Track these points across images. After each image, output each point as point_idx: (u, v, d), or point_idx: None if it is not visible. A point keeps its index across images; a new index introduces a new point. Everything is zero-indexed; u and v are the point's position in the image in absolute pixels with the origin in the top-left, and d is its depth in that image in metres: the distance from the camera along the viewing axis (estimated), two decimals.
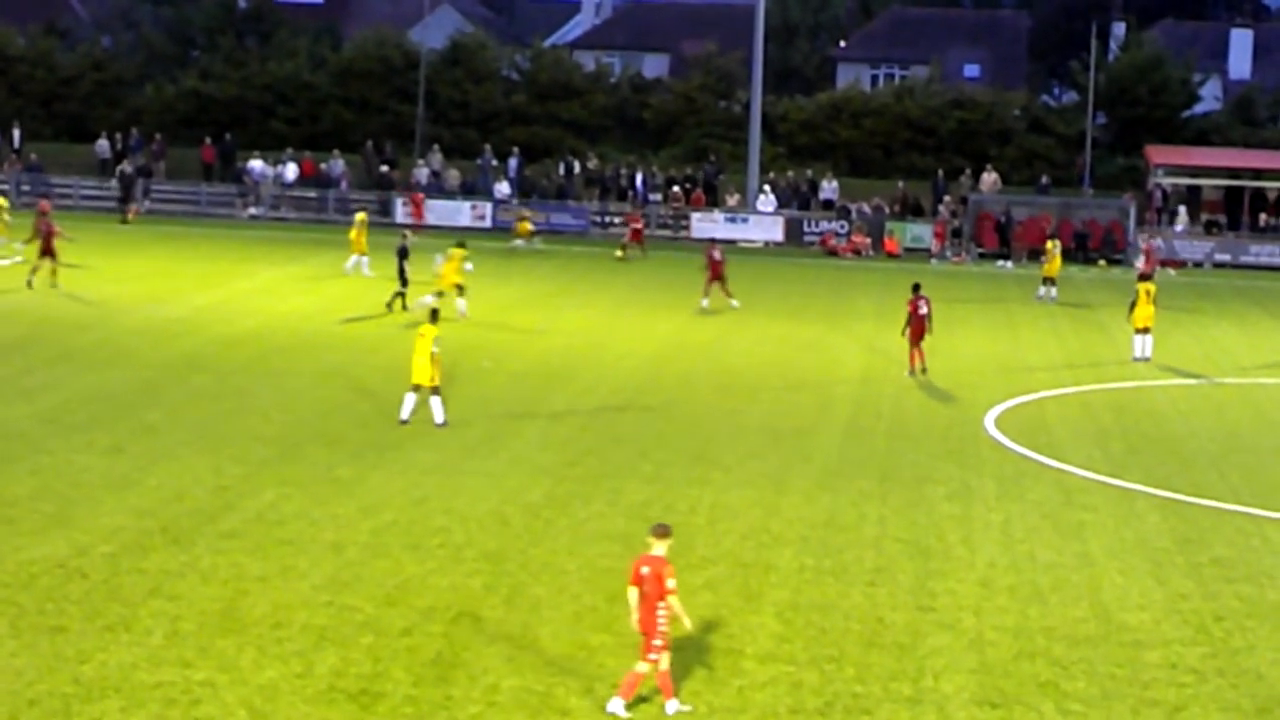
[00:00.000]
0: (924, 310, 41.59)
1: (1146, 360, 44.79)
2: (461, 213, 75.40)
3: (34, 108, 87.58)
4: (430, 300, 44.69)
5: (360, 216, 57.23)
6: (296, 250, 62.86)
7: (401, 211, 74.55)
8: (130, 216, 70.69)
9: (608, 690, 19.25)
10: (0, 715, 18.13)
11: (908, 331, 41.69)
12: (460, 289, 47.68)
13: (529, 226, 67.77)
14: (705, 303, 51.59)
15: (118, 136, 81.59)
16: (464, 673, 19.87)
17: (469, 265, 48.64)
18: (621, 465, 30.95)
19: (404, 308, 47.28)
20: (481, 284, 51.56)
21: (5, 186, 77.46)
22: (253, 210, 74.50)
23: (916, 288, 42.53)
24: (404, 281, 48.34)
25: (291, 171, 78.07)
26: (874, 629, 22.10)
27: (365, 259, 55.11)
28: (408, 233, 52.71)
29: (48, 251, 50.01)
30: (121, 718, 18.22)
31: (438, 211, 72.96)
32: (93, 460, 29.68)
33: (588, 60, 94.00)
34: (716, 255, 52.66)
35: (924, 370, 41.37)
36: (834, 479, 30.51)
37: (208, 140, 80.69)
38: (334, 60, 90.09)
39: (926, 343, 41.68)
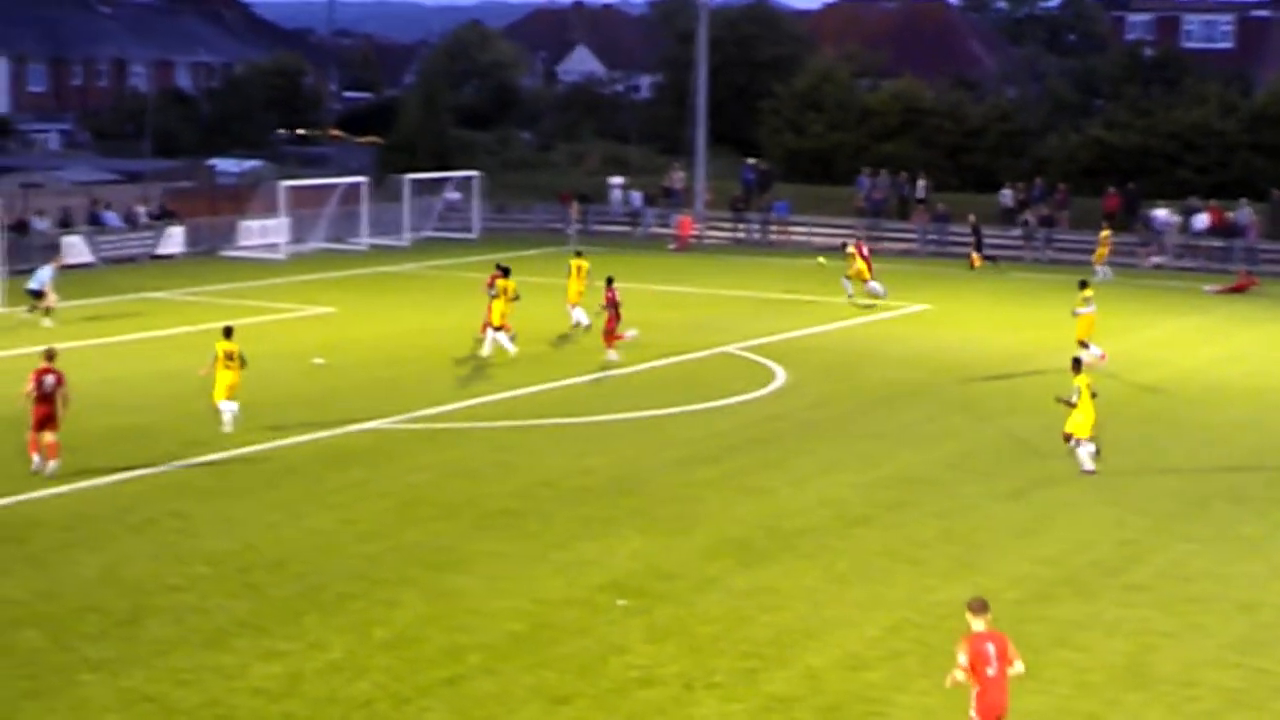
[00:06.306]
0: None
1: None
2: None
3: (940, 159, 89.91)
4: None
5: None
6: (1200, 301, 61.47)
7: None
8: (976, 264, 70.36)
9: None
10: None
11: None
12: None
13: None
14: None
15: (1020, 186, 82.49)
16: None
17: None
18: None
19: None
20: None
21: (913, 235, 79.97)
22: (1156, 259, 73.36)
23: None
24: None
25: (1201, 220, 76.39)
26: None
27: None
28: None
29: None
30: None
31: None
32: (996, 507, 29.99)
33: None
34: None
35: None
36: None
37: (1110, 189, 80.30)
38: (1244, 107, 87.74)
39: None
